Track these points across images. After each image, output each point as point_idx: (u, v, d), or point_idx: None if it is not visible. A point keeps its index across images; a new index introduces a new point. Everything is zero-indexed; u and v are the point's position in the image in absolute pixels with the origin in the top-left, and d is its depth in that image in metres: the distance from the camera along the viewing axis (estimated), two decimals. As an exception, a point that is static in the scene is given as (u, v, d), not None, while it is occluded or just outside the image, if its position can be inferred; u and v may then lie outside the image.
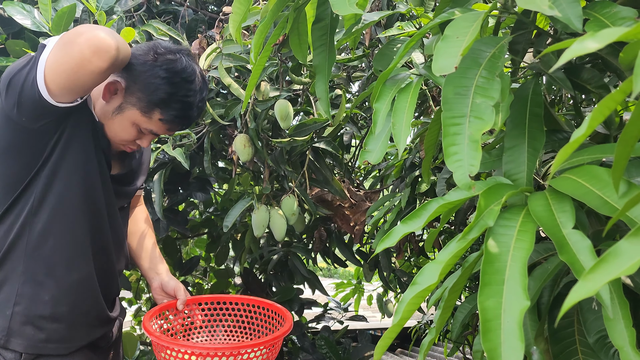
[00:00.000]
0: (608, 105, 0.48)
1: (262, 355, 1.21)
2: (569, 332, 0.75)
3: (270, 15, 1.00)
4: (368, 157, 0.85)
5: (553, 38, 0.89)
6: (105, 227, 1.30)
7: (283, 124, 1.77)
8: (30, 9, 1.80)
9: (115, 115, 1.22)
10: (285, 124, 1.77)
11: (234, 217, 1.85)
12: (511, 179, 0.77)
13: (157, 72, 1.17)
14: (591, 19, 0.69)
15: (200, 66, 1.75)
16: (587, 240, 0.59)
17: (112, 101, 1.22)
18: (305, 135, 1.82)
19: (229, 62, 1.80)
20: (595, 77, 0.81)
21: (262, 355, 1.21)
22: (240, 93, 1.79)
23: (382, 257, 2.31)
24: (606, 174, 0.62)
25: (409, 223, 0.75)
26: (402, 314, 0.68)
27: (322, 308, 3.03)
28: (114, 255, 1.35)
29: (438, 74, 0.65)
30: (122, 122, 1.22)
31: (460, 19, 0.72)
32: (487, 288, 0.60)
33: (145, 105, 1.19)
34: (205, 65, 1.81)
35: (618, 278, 0.63)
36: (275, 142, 1.85)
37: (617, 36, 0.44)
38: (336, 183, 1.99)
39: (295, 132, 1.84)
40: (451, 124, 0.67)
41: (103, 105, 1.23)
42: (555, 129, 0.88)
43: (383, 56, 1.14)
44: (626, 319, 0.59)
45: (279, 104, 1.76)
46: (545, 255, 0.78)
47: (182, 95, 1.20)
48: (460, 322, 1.11)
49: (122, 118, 1.22)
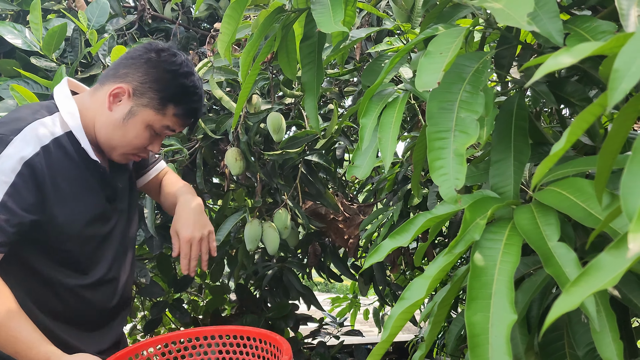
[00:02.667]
0: (586, 118, 0.48)
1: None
2: (559, 345, 0.75)
3: (257, 33, 1.01)
4: (356, 172, 0.86)
5: (537, 52, 0.90)
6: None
7: (276, 136, 1.78)
8: (22, 29, 1.81)
9: (127, 121, 1.19)
10: (278, 137, 1.78)
11: (226, 231, 1.84)
12: (498, 192, 0.77)
13: (165, 68, 1.18)
14: (572, 33, 0.70)
15: None
16: (572, 253, 0.59)
17: (119, 108, 1.19)
18: (297, 148, 1.83)
19: (220, 76, 1.81)
20: (579, 90, 0.82)
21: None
22: (232, 106, 1.79)
23: (377, 271, 2.31)
24: (590, 186, 0.62)
25: (397, 238, 0.75)
26: (390, 329, 0.68)
27: (317, 323, 3.01)
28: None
29: (421, 89, 0.66)
30: (136, 125, 1.20)
31: (443, 35, 0.73)
32: (474, 302, 0.60)
33: (159, 102, 1.19)
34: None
35: (604, 290, 0.63)
36: (267, 155, 1.86)
37: (591, 51, 0.45)
38: (329, 196, 1.99)
39: (287, 145, 1.85)
40: (436, 139, 0.68)
41: (109, 115, 1.20)
42: (541, 142, 0.88)
43: (371, 72, 1.15)
44: (613, 331, 0.59)
45: (272, 117, 1.77)
46: (534, 268, 0.78)
47: (191, 86, 1.21)
48: (455, 336, 1.11)
49: (135, 121, 1.20)
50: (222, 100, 1.78)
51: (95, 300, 1.26)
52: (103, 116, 1.20)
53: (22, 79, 1.70)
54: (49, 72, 1.83)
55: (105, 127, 1.20)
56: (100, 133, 1.21)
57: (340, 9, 0.87)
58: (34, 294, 1.18)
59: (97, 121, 1.21)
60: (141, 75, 1.18)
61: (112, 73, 1.22)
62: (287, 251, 2.55)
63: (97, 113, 1.21)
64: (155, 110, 1.19)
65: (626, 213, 0.40)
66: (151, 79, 1.18)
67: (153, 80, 1.18)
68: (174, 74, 1.19)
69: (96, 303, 1.27)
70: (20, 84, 1.64)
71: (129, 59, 1.21)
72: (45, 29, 1.76)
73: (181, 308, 2.54)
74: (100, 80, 1.24)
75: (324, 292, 9.80)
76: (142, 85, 1.18)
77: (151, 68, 1.18)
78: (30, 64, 1.79)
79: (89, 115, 1.21)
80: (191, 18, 2.34)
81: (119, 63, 1.23)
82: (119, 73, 1.20)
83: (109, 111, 1.19)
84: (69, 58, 1.85)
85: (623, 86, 0.41)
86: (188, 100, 1.22)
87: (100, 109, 1.20)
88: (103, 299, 1.28)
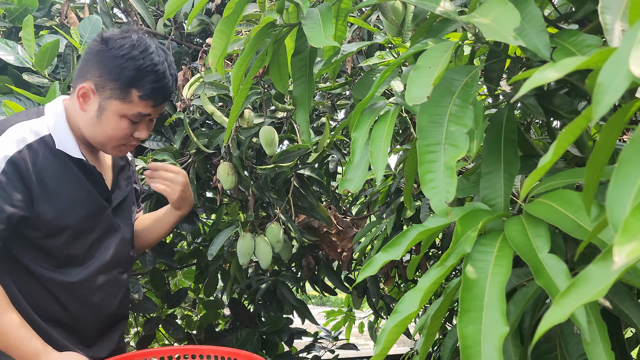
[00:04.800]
0: (572, 131, 0.49)
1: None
2: (552, 356, 0.75)
3: (249, 47, 1.02)
4: (348, 186, 0.86)
5: (526, 65, 0.91)
6: None
7: (269, 150, 1.78)
8: (14, 45, 1.81)
9: (100, 117, 1.21)
10: (270, 150, 1.78)
11: (218, 246, 1.84)
12: (489, 205, 0.78)
13: (115, 54, 1.17)
14: (558, 47, 0.71)
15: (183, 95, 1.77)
16: (562, 264, 0.59)
17: (90, 106, 1.21)
18: (289, 161, 1.84)
19: (212, 91, 1.82)
20: (567, 103, 0.83)
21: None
22: (223, 121, 1.80)
23: (371, 283, 2.30)
24: (579, 198, 0.63)
25: (389, 251, 0.75)
26: (383, 343, 0.68)
27: (312, 337, 2.99)
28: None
29: (411, 103, 0.66)
30: (110, 119, 1.21)
31: (433, 49, 0.74)
32: (466, 315, 0.60)
33: (120, 90, 1.18)
34: (188, 94, 1.83)
35: (595, 301, 0.63)
36: (259, 169, 1.86)
37: (576, 65, 0.45)
38: (322, 209, 1.99)
39: (279, 159, 1.85)
40: (427, 152, 0.68)
41: (83, 116, 1.23)
42: (531, 154, 0.89)
43: (362, 85, 1.16)
44: (605, 341, 0.59)
45: (264, 131, 1.78)
46: (526, 280, 0.78)
47: (148, 65, 1.18)
48: (450, 349, 1.11)
49: (107, 115, 1.21)
50: (214, 115, 1.78)
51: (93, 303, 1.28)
52: (81, 117, 1.24)
53: (14, 95, 1.70)
54: (41, 89, 1.83)
55: (85, 127, 1.24)
56: (86, 133, 1.24)
57: (331, 24, 0.88)
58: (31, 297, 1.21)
59: (80, 123, 1.24)
60: (97, 69, 1.19)
61: (77, 74, 1.25)
62: (281, 265, 2.54)
63: (76, 116, 1.24)
64: (120, 100, 1.19)
65: (612, 225, 0.40)
66: (106, 70, 1.18)
67: (108, 72, 1.18)
68: (125, 58, 1.17)
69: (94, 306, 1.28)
70: (13, 100, 1.64)
71: (85, 56, 1.23)
72: (38, 46, 1.76)
73: (174, 324, 2.52)
74: (72, 83, 1.27)
75: (318, 306, 9.75)
76: (100, 79, 1.19)
77: (103, 60, 1.18)
78: (23, 81, 1.79)
79: (75, 116, 1.25)
80: (184, 33, 2.35)
81: (80, 63, 1.25)
82: (82, 72, 1.23)
83: (83, 112, 1.22)
84: (61, 74, 1.86)
85: (607, 99, 0.42)
86: (148, 79, 1.19)
87: (78, 111, 1.24)
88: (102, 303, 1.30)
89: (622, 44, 0.44)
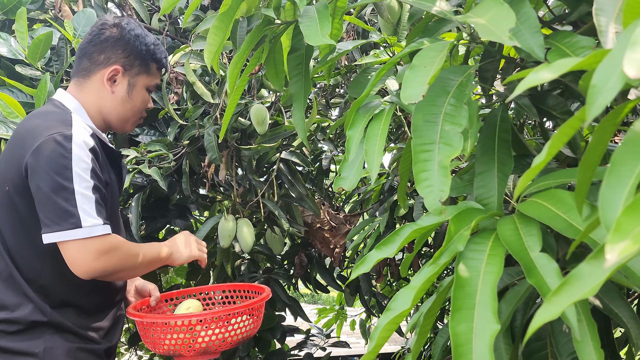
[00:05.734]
0: (566, 132, 0.49)
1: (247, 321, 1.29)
2: (543, 355, 0.75)
3: (245, 45, 1.02)
4: (342, 184, 0.86)
5: (520, 66, 0.92)
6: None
7: (259, 128, 1.78)
8: (7, 37, 1.80)
9: (131, 94, 1.34)
10: (261, 129, 1.78)
11: (204, 233, 1.85)
12: (482, 203, 0.78)
13: (131, 36, 1.32)
14: (553, 48, 0.72)
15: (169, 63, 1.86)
16: (554, 263, 0.60)
17: (118, 87, 1.32)
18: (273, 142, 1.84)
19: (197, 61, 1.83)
20: (560, 104, 0.84)
21: (248, 321, 1.29)
22: (203, 92, 1.81)
23: (363, 281, 2.31)
24: (570, 198, 0.64)
25: (382, 249, 0.76)
26: (376, 340, 0.68)
27: (304, 335, 2.99)
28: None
29: (406, 102, 0.67)
30: (139, 93, 1.35)
31: (428, 49, 0.74)
32: (458, 313, 0.60)
33: (145, 65, 1.34)
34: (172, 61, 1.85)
35: (585, 300, 0.64)
36: (243, 149, 1.86)
37: (570, 66, 0.46)
38: (311, 199, 2.00)
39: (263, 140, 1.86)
40: (421, 151, 0.69)
41: (113, 98, 1.32)
42: (524, 154, 0.90)
43: (357, 84, 1.16)
44: (594, 340, 0.60)
45: (256, 109, 1.77)
46: (517, 279, 0.79)
47: (153, 40, 1.37)
48: (441, 347, 1.11)
49: (137, 90, 1.35)
50: (195, 86, 1.79)
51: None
52: (108, 101, 1.32)
53: (6, 87, 1.68)
54: (34, 81, 1.81)
55: (115, 108, 1.33)
56: (112, 115, 1.34)
57: (328, 22, 0.88)
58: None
59: (103, 108, 1.33)
60: (121, 52, 1.31)
61: (89, 64, 1.32)
62: (274, 262, 2.54)
63: (99, 102, 1.32)
64: (146, 74, 1.35)
65: (604, 224, 0.41)
66: (130, 51, 1.32)
67: (131, 51, 1.32)
68: (141, 37, 1.33)
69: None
70: (5, 92, 1.63)
71: (99, 44, 1.31)
72: (31, 38, 1.75)
73: (166, 320, 2.51)
74: (79, 75, 1.32)
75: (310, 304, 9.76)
76: (127, 60, 1.32)
77: (126, 43, 1.31)
78: (16, 73, 1.78)
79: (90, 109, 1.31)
80: (179, 29, 2.34)
81: (89, 52, 1.32)
82: (100, 60, 1.31)
83: (111, 94, 1.32)
84: (54, 67, 1.84)
85: (600, 101, 0.42)
86: (158, 51, 1.37)
87: (100, 98, 1.32)
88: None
89: (616, 46, 0.45)
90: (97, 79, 1.30)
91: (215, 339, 1.23)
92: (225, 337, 1.25)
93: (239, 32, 1.13)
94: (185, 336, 1.22)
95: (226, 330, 1.24)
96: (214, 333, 1.23)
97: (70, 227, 1.11)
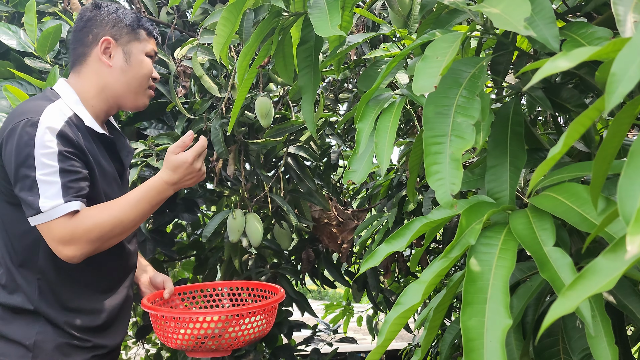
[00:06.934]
0: (583, 122, 0.48)
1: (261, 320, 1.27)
2: (554, 351, 0.74)
3: (254, 37, 1.01)
4: (352, 177, 0.85)
5: (533, 58, 0.90)
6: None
7: (264, 121, 1.76)
8: (16, 30, 1.80)
9: (130, 60, 1.33)
10: (265, 122, 1.76)
11: (212, 227, 1.84)
12: (494, 198, 0.77)
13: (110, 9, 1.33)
14: (568, 39, 0.70)
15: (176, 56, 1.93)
16: (567, 258, 0.59)
17: (115, 58, 1.31)
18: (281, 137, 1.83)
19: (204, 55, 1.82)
20: (574, 96, 0.82)
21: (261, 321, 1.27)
22: (210, 86, 1.80)
23: (370, 277, 2.30)
24: (585, 192, 0.62)
25: (392, 243, 0.75)
26: (385, 334, 0.67)
27: (311, 330, 2.99)
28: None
29: (418, 93, 0.66)
30: (137, 58, 1.34)
31: (440, 40, 0.73)
32: (469, 307, 0.59)
33: (133, 33, 1.33)
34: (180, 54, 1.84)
35: (599, 295, 0.63)
36: (251, 143, 1.85)
37: (588, 55, 0.45)
38: (320, 195, 1.99)
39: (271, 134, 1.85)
40: (433, 143, 0.68)
41: (113, 71, 1.31)
42: (537, 148, 0.88)
43: (367, 77, 1.15)
44: (608, 336, 0.59)
45: (260, 101, 1.75)
46: (529, 274, 0.78)
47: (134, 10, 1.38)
48: (449, 343, 1.10)
49: (135, 56, 1.33)
50: (202, 80, 1.78)
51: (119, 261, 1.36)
52: (109, 76, 1.31)
53: (15, 80, 1.69)
54: (43, 74, 1.82)
55: (118, 80, 1.32)
56: (118, 90, 1.32)
57: (338, 13, 0.87)
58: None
59: (107, 85, 1.31)
60: (106, 24, 1.32)
61: (83, 48, 1.32)
62: (281, 257, 2.54)
63: (99, 82, 1.30)
64: (137, 40, 1.34)
65: (623, 216, 0.40)
66: (115, 21, 1.32)
67: (115, 22, 1.32)
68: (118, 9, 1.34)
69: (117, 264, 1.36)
70: (14, 84, 1.63)
71: (84, 28, 1.32)
72: (40, 31, 1.75)
73: (173, 313, 2.52)
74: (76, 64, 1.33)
75: (317, 300, 9.77)
76: (114, 30, 1.32)
77: (106, 16, 1.32)
78: (25, 65, 1.78)
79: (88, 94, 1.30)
80: (187, 22, 2.34)
81: (79, 39, 1.33)
82: (89, 40, 1.31)
83: (110, 68, 1.31)
84: (63, 59, 1.85)
85: (620, 90, 0.41)
86: (144, 19, 1.37)
87: (100, 77, 1.31)
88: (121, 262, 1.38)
89: (635, 34, 0.43)
90: (92, 59, 1.30)
91: (228, 337, 1.23)
92: (238, 336, 1.24)
93: (245, 24, 1.12)
94: (199, 332, 1.21)
95: (240, 329, 1.24)
96: (227, 331, 1.22)
97: (34, 213, 1.14)
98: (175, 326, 1.22)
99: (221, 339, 1.22)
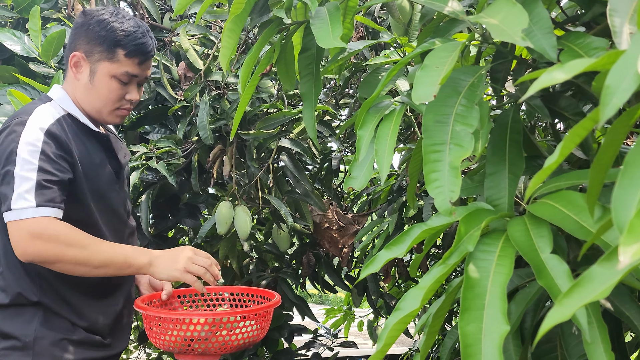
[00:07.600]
0: (579, 133, 0.49)
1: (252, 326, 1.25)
2: (552, 357, 0.75)
3: (257, 45, 1.02)
4: (353, 184, 0.86)
5: (532, 67, 0.91)
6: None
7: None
8: (21, 35, 1.82)
9: (93, 80, 1.30)
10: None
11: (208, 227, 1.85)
12: (493, 205, 0.78)
13: (96, 21, 1.29)
14: (565, 49, 0.71)
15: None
16: (564, 265, 0.60)
17: (82, 74, 1.31)
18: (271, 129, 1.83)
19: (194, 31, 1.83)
20: (572, 105, 0.83)
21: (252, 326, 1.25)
22: (195, 59, 1.80)
23: (370, 281, 2.31)
24: (582, 199, 0.63)
25: (392, 249, 0.76)
26: (385, 339, 0.68)
27: (311, 334, 2.99)
28: None
29: (417, 102, 0.67)
30: (101, 80, 1.30)
31: (440, 49, 0.74)
32: (467, 313, 0.60)
33: (107, 51, 1.28)
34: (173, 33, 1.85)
35: (596, 302, 0.64)
36: (242, 134, 1.85)
37: (584, 67, 0.46)
38: (317, 196, 1.98)
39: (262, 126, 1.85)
40: (432, 151, 0.69)
41: (79, 84, 1.31)
42: (535, 155, 0.89)
43: (368, 84, 1.16)
44: (605, 342, 0.59)
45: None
46: (527, 280, 0.79)
47: (129, 27, 1.30)
48: (449, 349, 1.11)
49: (99, 77, 1.30)
50: (188, 53, 1.79)
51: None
52: (77, 88, 1.32)
53: (20, 85, 1.70)
54: (47, 78, 1.83)
55: (83, 96, 1.32)
56: (83, 103, 1.32)
57: (339, 24, 0.88)
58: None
59: (75, 95, 1.32)
60: (84, 38, 1.30)
61: (67, 51, 1.34)
62: (282, 261, 2.54)
63: (71, 89, 1.33)
64: (108, 60, 1.29)
65: (617, 226, 0.40)
66: (92, 36, 1.29)
67: (93, 37, 1.29)
68: (108, 22, 1.29)
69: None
70: (19, 89, 1.64)
71: (72, 33, 1.33)
72: (44, 36, 1.77)
73: (174, 318, 2.52)
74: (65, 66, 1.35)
75: (317, 304, 9.75)
76: (88, 45, 1.29)
77: (87, 28, 1.30)
78: (29, 70, 1.80)
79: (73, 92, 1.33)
80: (190, 28, 2.35)
81: (68, 44, 1.34)
82: (70, 47, 1.32)
83: (77, 81, 1.31)
84: (67, 65, 1.86)
85: (614, 101, 0.42)
86: (130, 38, 1.29)
87: (71, 85, 1.32)
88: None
89: (630, 47, 0.44)
90: (69, 67, 1.32)
91: (215, 341, 1.20)
92: (226, 341, 1.22)
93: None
94: (185, 334, 1.19)
95: (228, 334, 1.21)
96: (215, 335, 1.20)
97: (5, 209, 1.15)
98: (162, 327, 1.21)
99: (208, 343, 1.20)
